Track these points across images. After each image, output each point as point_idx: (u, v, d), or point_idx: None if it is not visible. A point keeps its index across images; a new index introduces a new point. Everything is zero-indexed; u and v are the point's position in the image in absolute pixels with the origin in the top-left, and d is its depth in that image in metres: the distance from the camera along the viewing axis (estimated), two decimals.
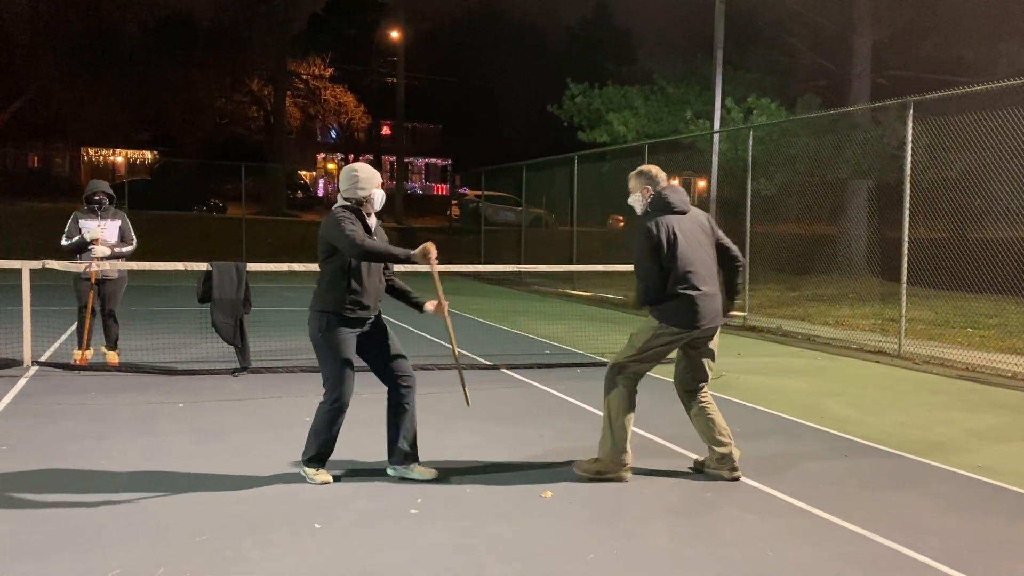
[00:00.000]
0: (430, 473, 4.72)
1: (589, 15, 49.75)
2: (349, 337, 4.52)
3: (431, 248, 4.45)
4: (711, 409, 4.94)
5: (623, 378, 4.83)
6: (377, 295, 4.65)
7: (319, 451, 4.61)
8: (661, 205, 4.82)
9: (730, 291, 5.06)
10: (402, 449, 4.70)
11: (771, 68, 20.93)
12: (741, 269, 5.12)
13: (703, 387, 4.96)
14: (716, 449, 4.90)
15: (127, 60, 33.85)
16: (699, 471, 5.02)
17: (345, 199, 4.58)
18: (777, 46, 20.67)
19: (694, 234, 4.80)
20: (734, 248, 5.04)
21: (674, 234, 4.70)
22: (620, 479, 4.78)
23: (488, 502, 4.42)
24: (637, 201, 4.98)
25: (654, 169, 4.99)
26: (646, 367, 4.88)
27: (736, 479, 4.88)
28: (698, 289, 4.70)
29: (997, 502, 4.65)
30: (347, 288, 4.48)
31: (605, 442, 4.83)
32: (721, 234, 5.01)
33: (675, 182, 5.17)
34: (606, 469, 4.80)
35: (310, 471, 4.62)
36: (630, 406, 4.81)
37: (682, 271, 4.69)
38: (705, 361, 4.92)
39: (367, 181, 4.55)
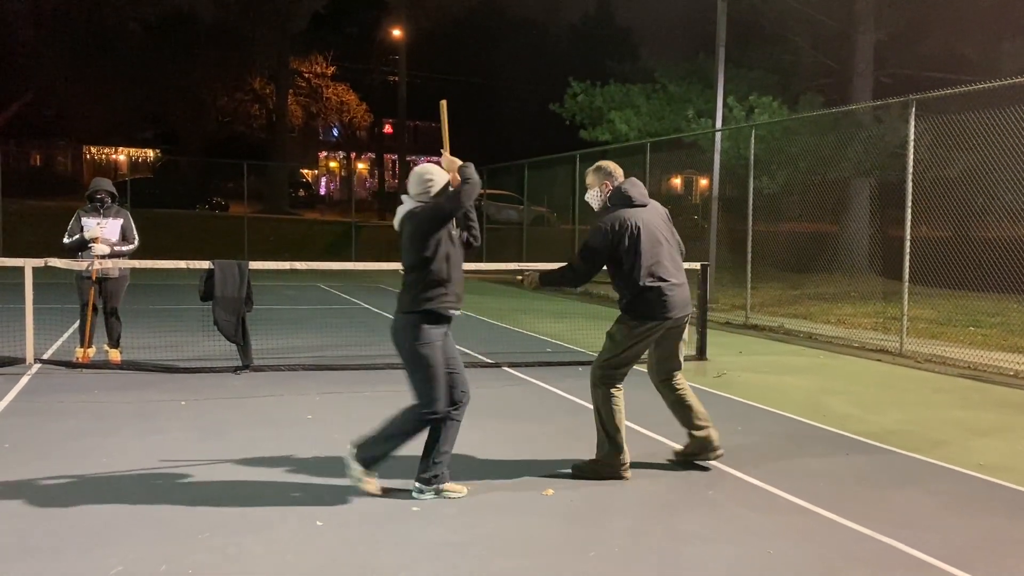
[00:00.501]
0: (463, 491, 4.48)
1: (591, 13, 49.70)
2: (437, 343, 4.39)
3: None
4: (688, 396, 4.99)
5: (607, 380, 4.84)
6: (463, 288, 4.52)
7: (382, 455, 4.41)
8: (622, 199, 4.83)
9: None
10: (438, 470, 4.41)
11: (773, 66, 20.90)
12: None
13: (677, 375, 5.01)
14: (695, 434, 4.95)
15: (129, 58, 33.80)
16: (680, 462, 5.06)
17: (419, 203, 4.46)
18: (779, 44, 20.64)
19: (656, 226, 4.83)
20: (681, 246, 5.08)
21: (637, 228, 4.71)
22: (620, 478, 4.79)
23: (490, 500, 4.43)
24: (595, 197, 4.99)
25: (611, 164, 5.02)
26: (627, 366, 4.89)
27: (719, 457, 4.97)
28: (665, 280, 4.73)
29: (998, 500, 4.66)
30: (442, 282, 4.37)
31: (602, 445, 4.84)
32: (674, 230, 5.05)
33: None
34: (605, 470, 4.81)
35: (359, 471, 4.37)
36: (619, 406, 4.82)
37: (648, 264, 4.71)
38: (677, 345, 4.97)
39: (440, 185, 4.49)
